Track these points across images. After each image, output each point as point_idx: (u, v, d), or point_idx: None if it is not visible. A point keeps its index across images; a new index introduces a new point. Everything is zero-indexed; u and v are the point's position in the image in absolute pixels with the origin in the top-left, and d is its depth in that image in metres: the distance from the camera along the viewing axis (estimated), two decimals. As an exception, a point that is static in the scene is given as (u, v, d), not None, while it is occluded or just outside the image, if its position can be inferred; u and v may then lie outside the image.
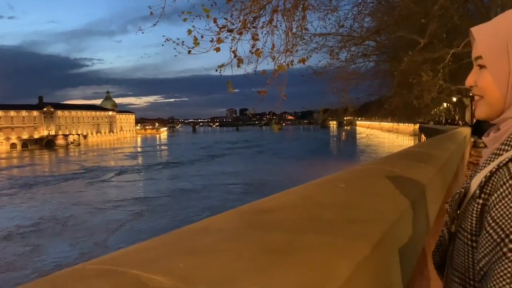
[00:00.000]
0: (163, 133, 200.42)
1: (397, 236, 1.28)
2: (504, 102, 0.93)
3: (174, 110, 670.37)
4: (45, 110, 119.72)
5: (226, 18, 8.89)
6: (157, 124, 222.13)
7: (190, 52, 8.43)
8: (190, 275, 0.71)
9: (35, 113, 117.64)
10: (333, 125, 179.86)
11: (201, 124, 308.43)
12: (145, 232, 21.31)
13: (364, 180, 1.94)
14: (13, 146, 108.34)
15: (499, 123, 0.96)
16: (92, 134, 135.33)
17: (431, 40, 14.94)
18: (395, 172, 2.12)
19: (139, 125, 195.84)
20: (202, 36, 8.31)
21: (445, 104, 41.77)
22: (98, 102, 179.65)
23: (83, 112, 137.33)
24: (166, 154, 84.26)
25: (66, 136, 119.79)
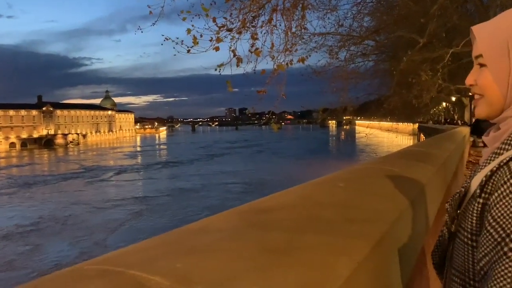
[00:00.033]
0: (162, 132, 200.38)
1: (396, 235, 1.28)
2: (504, 101, 0.93)
3: (173, 110, 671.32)
4: (44, 109, 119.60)
5: (225, 17, 8.89)
6: (156, 123, 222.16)
7: (189, 51, 8.44)
8: (189, 275, 0.71)
9: (34, 112, 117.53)
10: (332, 124, 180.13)
11: (200, 123, 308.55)
12: (144, 231, 21.31)
13: (363, 179, 1.93)
14: (12, 145, 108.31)
15: (499, 122, 0.96)
16: (91, 133, 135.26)
17: (431, 39, 14.95)
18: (395, 171, 2.11)
19: (138, 124, 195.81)
20: (201, 35, 8.32)
21: (444, 103, 41.78)
22: (97, 101, 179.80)
23: (82, 111, 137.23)
24: (166, 154, 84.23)
25: (65, 135, 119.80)
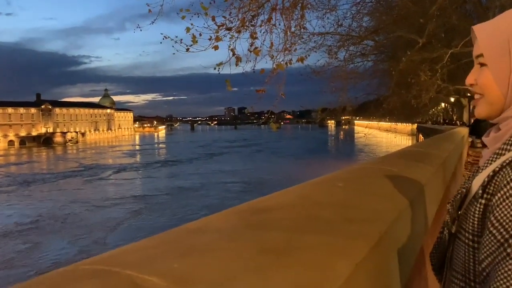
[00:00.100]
0: (161, 131, 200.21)
1: (395, 235, 1.28)
2: (504, 101, 0.93)
3: (172, 108, 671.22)
4: (43, 107, 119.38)
5: (224, 16, 8.88)
6: (155, 122, 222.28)
7: (188, 50, 8.43)
8: (186, 276, 0.70)
9: (33, 110, 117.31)
10: (331, 124, 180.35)
11: (199, 122, 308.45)
12: (143, 230, 21.30)
13: (362, 179, 1.93)
14: (10, 143, 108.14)
15: (499, 123, 0.95)
16: (90, 131, 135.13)
17: (430, 40, 14.95)
18: (394, 171, 2.11)
19: (137, 123, 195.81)
20: (201, 34, 8.31)
21: (443, 104, 41.84)
22: (96, 99, 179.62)
23: (81, 109, 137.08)
24: (165, 152, 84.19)
25: (64, 133, 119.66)
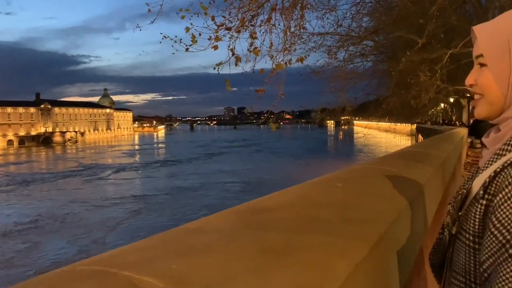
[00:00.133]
0: (161, 131, 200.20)
1: (395, 236, 1.27)
2: (504, 102, 0.93)
3: (172, 108, 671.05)
4: (42, 107, 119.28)
5: (224, 16, 8.87)
6: (154, 122, 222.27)
7: (188, 49, 8.41)
8: (185, 277, 0.69)
9: (32, 109, 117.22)
10: (330, 124, 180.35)
11: (199, 122, 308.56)
12: (143, 229, 21.30)
13: (361, 179, 1.93)
14: (10, 142, 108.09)
15: (499, 123, 0.95)
16: (89, 131, 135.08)
17: (429, 40, 14.96)
18: (393, 172, 2.10)
19: (137, 123, 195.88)
20: (200, 34, 8.30)
21: (442, 104, 41.85)
22: (95, 99, 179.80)
23: (81, 109, 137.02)
24: (164, 152, 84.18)
25: (63, 133, 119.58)
